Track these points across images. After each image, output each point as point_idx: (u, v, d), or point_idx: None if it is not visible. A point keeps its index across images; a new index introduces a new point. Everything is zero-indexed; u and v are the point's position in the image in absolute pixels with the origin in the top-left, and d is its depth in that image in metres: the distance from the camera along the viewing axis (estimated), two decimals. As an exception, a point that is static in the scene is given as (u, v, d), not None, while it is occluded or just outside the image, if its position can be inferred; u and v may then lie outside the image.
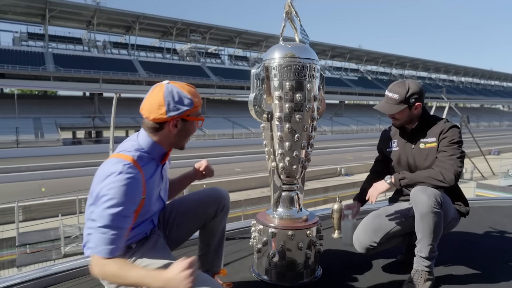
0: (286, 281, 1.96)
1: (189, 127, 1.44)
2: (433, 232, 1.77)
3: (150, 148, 1.41)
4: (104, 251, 1.23)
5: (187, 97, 1.39)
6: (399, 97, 1.94)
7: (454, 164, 1.81)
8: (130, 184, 1.27)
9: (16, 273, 2.03)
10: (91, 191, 1.33)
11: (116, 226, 1.25)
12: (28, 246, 10.58)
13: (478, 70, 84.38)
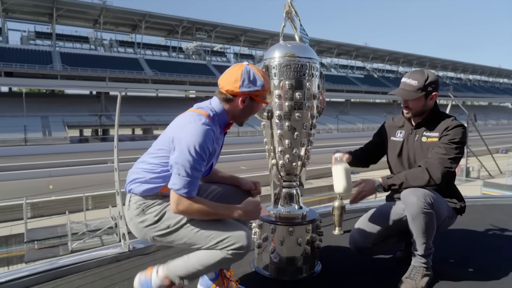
0: (286, 276, 2.00)
1: (254, 106, 1.65)
2: (425, 232, 1.80)
3: (220, 113, 1.61)
4: (189, 193, 1.44)
5: (260, 80, 1.60)
6: (418, 84, 1.91)
7: (444, 164, 1.82)
8: (209, 132, 1.47)
9: (24, 266, 2.10)
10: (168, 136, 1.51)
11: (197, 169, 1.45)
12: (36, 242, 10.75)
13: (486, 68, 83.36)
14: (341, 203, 2.77)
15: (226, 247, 1.45)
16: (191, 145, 1.42)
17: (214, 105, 1.61)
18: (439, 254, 2.27)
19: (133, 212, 1.56)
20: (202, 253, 1.50)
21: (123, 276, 2.05)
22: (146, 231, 1.55)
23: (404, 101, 1.98)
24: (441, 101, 4.76)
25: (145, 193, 1.54)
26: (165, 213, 1.53)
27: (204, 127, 1.46)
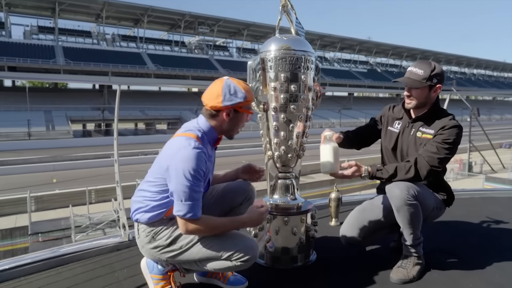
0: (281, 264, 2.05)
1: (239, 117, 1.67)
2: (411, 223, 1.83)
3: (208, 131, 1.66)
4: (194, 215, 1.51)
5: (241, 92, 1.62)
6: (424, 74, 1.89)
7: (432, 162, 1.83)
8: (201, 155, 1.51)
9: (27, 254, 2.16)
10: (162, 164, 1.57)
11: (196, 191, 1.51)
12: (40, 235, 10.89)
13: (490, 62, 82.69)
14: (337, 195, 2.81)
15: (236, 259, 1.56)
16: (186, 171, 1.47)
17: (201, 124, 1.65)
18: (432, 245, 2.32)
19: (143, 240, 1.65)
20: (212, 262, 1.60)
21: (123, 264, 2.10)
22: (159, 255, 1.64)
23: (408, 89, 1.95)
24: (444, 95, 4.72)
25: (151, 220, 1.63)
26: (176, 236, 1.61)
27: (195, 151, 1.50)
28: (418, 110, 2.01)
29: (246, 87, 1.66)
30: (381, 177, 1.88)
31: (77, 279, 1.92)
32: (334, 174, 1.86)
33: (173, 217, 1.63)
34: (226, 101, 1.60)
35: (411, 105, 1.98)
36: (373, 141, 2.24)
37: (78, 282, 1.88)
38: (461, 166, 20.94)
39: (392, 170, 1.86)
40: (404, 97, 2.02)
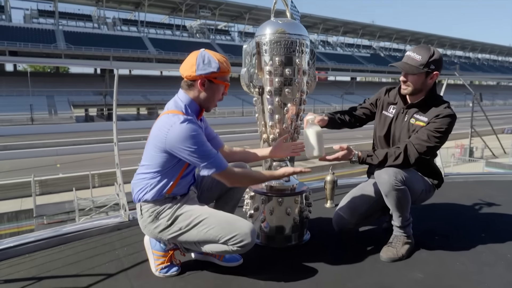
0: (275, 243, 2.12)
1: (214, 88, 1.70)
2: (400, 206, 1.89)
3: (189, 103, 1.69)
4: (220, 167, 1.63)
5: (215, 62, 1.65)
6: (421, 60, 1.86)
7: (421, 149, 1.87)
8: (191, 124, 1.59)
9: (31, 233, 2.24)
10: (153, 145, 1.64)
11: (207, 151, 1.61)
12: (45, 217, 11.10)
13: (496, 46, 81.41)
14: (332, 177, 2.87)
15: (233, 244, 1.63)
16: (188, 143, 1.55)
17: (181, 98, 1.70)
18: (424, 226, 2.40)
19: (146, 220, 1.72)
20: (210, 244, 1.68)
21: (123, 243, 2.18)
22: (161, 234, 1.71)
23: (404, 75, 1.94)
24: (442, 81, 4.70)
25: (154, 198, 1.70)
26: (177, 217, 1.69)
27: (184, 123, 1.57)
28: (414, 96, 2.00)
29: (222, 59, 1.69)
30: (371, 162, 1.92)
31: (79, 257, 2.00)
32: (320, 158, 1.87)
33: (175, 196, 1.73)
34: (200, 70, 1.63)
35: (406, 91, 1.98)
36: (365, 122, 2.28)
37: (80, 259, 1.96)
38: (462, 151, 20.95)
39: (382, 156, 1.90)
40: (400, 82, 2.00)
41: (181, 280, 1.75)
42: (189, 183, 1.82)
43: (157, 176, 1.69)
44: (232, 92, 19.52)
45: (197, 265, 1.88)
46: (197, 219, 1.67)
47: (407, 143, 1.90)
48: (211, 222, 1.65)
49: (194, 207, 1.73)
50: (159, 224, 1.70)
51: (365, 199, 2.14)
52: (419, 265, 1.89)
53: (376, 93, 2.26)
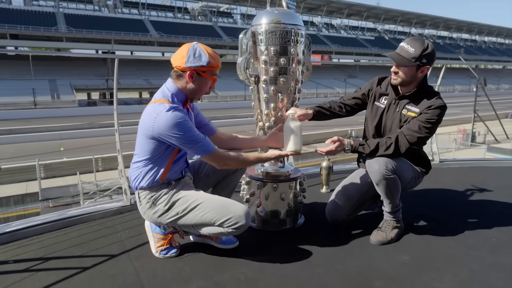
0: (270, 227, 2.22)
1: (202, 81, 1.76)
2: (390, 193, 1.98)
3: (176, 93, 1.75)
4: (208, 150, 1.72)
5: (205, 56, 1.70)
6: (415, 53, 1.89)
7: (412, 140, 1.92)
8: (177, 111, 1.66)
9: (37, 216, 2.35)
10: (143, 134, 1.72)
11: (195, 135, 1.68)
12: (51, 201, 11.32)
13: (503, 29, 79.84)
14: (328, 163, 2.94)
15: (228, 226, 1.70)
16: (175, 129, 1.62)
17: (169, 87, 1.76)
18: (415, 211, 2.48)
19: (145, 206, 1.81)
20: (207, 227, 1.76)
21: (125, 226, 2.28)
22: (160, 219, 1.81)
23: (396, 66, 1.97)
24: (454, 64, 4.67)
25: (149, 185, 1.79)
26: (174, 202, 1.78)
27: (170, 111, 1.64)
28: (405, 87, 2.04)
29: (212, 54, 1.74)
30: (363, 151, 1.98)
31: (83, 239, 2.10)
32: (298, 152, 1.91)
33: (169, 181, 1.80)
34: (189, 63, 1.69)
35: (396, 82, 2.02)
36: (356, 112, 2.33)
37: (84, 241, 2.07)
38: (464, 137, 20.92)
39: (373, 146, 1.95)
40: (391, 72, 2.04)
41: (179, 261, 1.85)
42: (182, 168, 1.88)
43: (149, 163, 1.77)
44: (235, 76, 19.40)
45: (195, 247, 1.98)
46: (194, 204, 1.75)
47: (398, 134, 1.95)
48: (207, 206, 1.73)
49: (190, 192, 1.81)
50: (157, 209, 1.79)
51: (356, 191, 2.21)
52: (407, 248, 1.98)
53: (368, 83, 2.29)
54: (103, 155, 15.26)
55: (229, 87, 40.68)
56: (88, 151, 16.01)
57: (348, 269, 1.77)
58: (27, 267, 1.79)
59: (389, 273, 1.73)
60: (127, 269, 1.77)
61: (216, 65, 1.75)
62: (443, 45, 71.71)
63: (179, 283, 1.65)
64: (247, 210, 1.75)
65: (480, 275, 1.72)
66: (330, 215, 2.25)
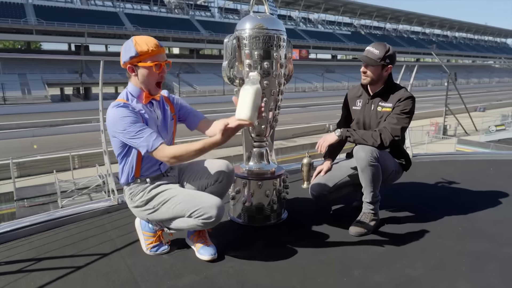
0: (256, 222, 2.33)
1: (143, 72, 1.74)
2: (372, 181, 2.15)
3: (132, 90, 1.80)
4: (151, 146, 1.65)
5: (132, 47, 1.70)
6: (379, 54, 2.19)
7: (394, 132, 2.14)
8: (120, 108, 1.69)
9: (25, 217, 2.36)
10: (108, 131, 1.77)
11: (139, 131, 1.66)
12: (26, 200, 11.03)
13: (472, 25, 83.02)
14: (309, 160, 3.05)
15: (198, 217, 1.71)
16: (119, 125, 1.66)
17: (128, 86, 1.82)
18: (390, 203, 2.65)
19: (128, 202, 1.91)
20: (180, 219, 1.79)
21: (114, 225, 2.34)
22: (141, 214, 1.89)
23: (365, 66, 2.26)
24: (426, 59, 4.93)
25: (127, 182, 1.86)
26: (150, 197, 1.83)
27: (114, 109, 1.68)
28: (374, 86, 2.31)
29: (143, 41, 1.70)
30: (350, 136, 2.17)
31: (73, 239, 2.14)
32: (246, 122, 1.62)
33: (144, 178, 1.86)
34: (123, 58, 1.72)
35: (365, 81, 2.29)
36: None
37: (75, 241, 2.11)
38: (436, 129, 21.76)
39: (361, 135, 2.16)
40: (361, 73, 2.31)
41: (171, 257, 1.93)
42: (156, 164, 1.86)
43: (122, 161, 1.83)
44: (213, 70, 19.52)
45: (185, 244, 2.06)
46: (167, 197, 1.79)
47: (381, 129, 2.16)
48: (178, 198, 1.76)
49: (166, 187, 1.84)
50: (136, 204, 1.86)
51: (340, 172, 2.40)
52: (382, 239, 2.14)
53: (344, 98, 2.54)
54: (79, 152, 14.95)
55: (207, 82, 40.44)
56: (63, 149, 15.63)
57: (330, 259, 1.91)
58: (19, 268, 1.82)
59: (367, 261, 1.88)
60: (119, 266, 1.84)
61: (146, 49, 1.68)
62: (416, 40, 73.70)
63: (171, 278, 1.74)
64: (220, 203, 1.72)
65: (447, 261, 1.89)
66: (313, 190, 2.40)
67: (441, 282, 1.71)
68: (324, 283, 1.69)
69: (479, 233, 2.22)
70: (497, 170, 3.64)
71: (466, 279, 1.73)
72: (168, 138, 1.91)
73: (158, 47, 1.73)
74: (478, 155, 4.39)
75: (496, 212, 2.55)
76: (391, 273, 1.78)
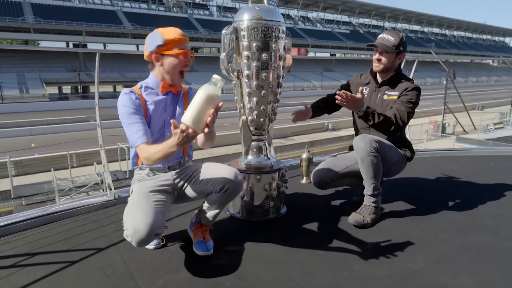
0: (255, 217, 2.30)
1: (170, 61, 1.74)
2: (373, 172, 2.12)
3: (151, 80, 1.81)
4: (134, 143, 1.67)
5: (159, 35, 1.71)
6: (394, 41, 2.20)
7: (403, 117, 2.14)
8: (125, 96, 1.72)
9: (20, 212, 2.32)
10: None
11: (131, 124, 1.67)
12: (24, 199, 10.97)
13: (471, 24, 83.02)
14: (308, 155, 3.04)
15: (126, 234, 1.62)
16: (119, 111, 1.70)
17: (148, 78, 1.82)
18: (389, 198, 2.62)
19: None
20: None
21: (111, 220, 2.30)
22: None
23: (380, 53, 2.24)
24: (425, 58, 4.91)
25: (134, 167, 1.89)
26: (132, 190, 1.85)
27: (121, 94, 1.72)
28: (383, 74, 2.30)
29: (168, 31, 1.73)
30: (371, 119, 2.07)
31: (69, 234, 2.11)
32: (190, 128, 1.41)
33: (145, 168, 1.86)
34: (149, 48, 1.73)
35: (379, 68, 2.27)
36: (340, 107, 2.45)
37: (70, 236, 2.08)
38: (435, 128, 21.76)
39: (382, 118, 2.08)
40: (374, 61, 2.29)
41: (167, 252, 1.90)
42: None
43: (132, 148, 1.82)
44: (212, 70, 19.49)
45: (182, 239, 2.03)
46: (129, 199, 1.77)
47: (394, 112, 2.14)
48: (128, 206, 1.71)
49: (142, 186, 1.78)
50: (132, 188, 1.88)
51: (343, 162, 2.40)
52: (382, 233, 2.11)
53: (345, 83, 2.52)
54: (77, 150, 14.88)
55: (206, 80, 40.17)
56: (61, 147, 15.57)
57: (329, 253, 1.88)
58: (13, 263, 1.79)
59: (367, 256, 1.85)
60: (115, 261, 1.80)
61: (173, 38, 1.71)
62: (415, 39, 73.68)
63: (168, 272, 1.71)
64: (141, 229, 1.53)
65: (449, 255, 1.87)
66: (315, 176, 2.40)
67: (443, 275, 1.68)
68: (323, 278, 1.66)
69: (480, 227, 2.19)
70: (497, 166, 3.62)
71: (468, 273, 1.70)
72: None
73: (184, 35, 1.77)
74: (478, 150, 4.37)
75: (496, 207, 2.52)
76: (392, 267, 1.76)
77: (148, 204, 1.65)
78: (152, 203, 1.66)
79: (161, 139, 1.76)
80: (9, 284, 1.61)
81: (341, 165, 2.37)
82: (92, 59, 2.41)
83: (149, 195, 1.72)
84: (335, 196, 2.73)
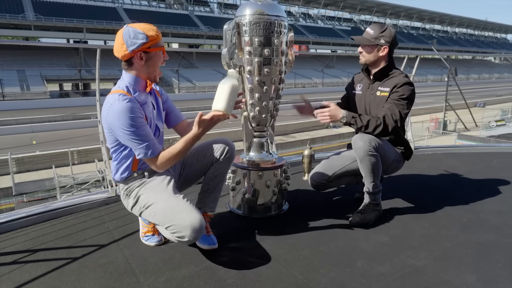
0: (256, 213, 2.29)
1: (153, 57, 1.71)
2: (372, 171, 2.10)
3: (133, 81, 1.72)
4: (153, 153, 1.67)
5: (141, 33, 1.64)
6: (373, 34, 2.19)
7: (395, 117, 2.07)
8: (130, 104, 1.61)
9: (22, 208, 2.32)
10: (106, 127, 1.69)
11: (143, 134, 1.63)
12: (25, 196, 10.99)
13: (472, 21, 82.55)
14: (310, 152, 3.01)
15: (172, 233, 1.62)
16: (125, 123, 1.59)
17: (125, 78, 1.72)
18: (392, 195, 2.61)
19: (123, 198, 1.85)
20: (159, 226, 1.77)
21: (112, 216, 2.29)
22: (132, 211, 1.83)
23: (361, 46, 2.26)
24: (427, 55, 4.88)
25: (123, 177, 1.80)
26: (139, 197, 1.78)
27: (123, 102, 1.59)
28: (373, 67, 2.28)
29: (146, 27, 1.67)
30: (355, 124, 2.07)
31: (71, 230, 2.10)
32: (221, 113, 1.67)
33: (143, 171, 1.81)
34: (130, 46, 1.63)
35: (361, 61, 2.29)
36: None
37: (72, 232, 2.07)
38: (436, 125, 21.71)
39: (365, 122, 2.07)
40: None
41: (170, 248, 1.89)
42: None
43: (118, 155, 1.77)
44: (212, 66, 19.48)
45: (184, 234, 2.02)
46: (149, 202, 1.72)
47: (384, 115, 2.09)
48: (158, 208, 1.69)
49: (153, 188, 1.77)
50: (129, 201, 1.81)
51: (340, 162, 2.36)
52: (385, 230, 2.10)
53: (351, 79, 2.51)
54: (78, 147, 14.89)
55: (206, 77, 40.25)
56: (62, 144, 15.56)
57: (331, 250, 1.87)
58: (14, 260, 1.78)
59: (369, 252, 1.84)
60: (117, 257, 1.80)
61: (156, 35, 1.67)
62: (416, 36, 73.42)
63: (170, 269, 1.70)
64: (197, 223, 1.58)
65: (452, 252, 1.86)
66: (313, 179, 2.37)
67: (447, 272, 1.67)
68: (326, 274, 1.66)
69: (483, 224, 2.18)
70: (500, 162, 3.60)
71: (472, 270, 1.69)
72: (161, 128, 1.89)
73: (158, 31, 1.73)
74: (480, 147, 4.34)
75: (500, 203, 2.51)
76: (395, 264, 1.74)
77: (183, 201, 1.68)
78: (183, 199, 1.69)
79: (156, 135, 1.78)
80: (11, 281, 1.61)
81: (337, 165, 2.32)
82: (93, 56, 2.39)
83: (174, 193, 1.75)
84: (337, 192, 2.72)
